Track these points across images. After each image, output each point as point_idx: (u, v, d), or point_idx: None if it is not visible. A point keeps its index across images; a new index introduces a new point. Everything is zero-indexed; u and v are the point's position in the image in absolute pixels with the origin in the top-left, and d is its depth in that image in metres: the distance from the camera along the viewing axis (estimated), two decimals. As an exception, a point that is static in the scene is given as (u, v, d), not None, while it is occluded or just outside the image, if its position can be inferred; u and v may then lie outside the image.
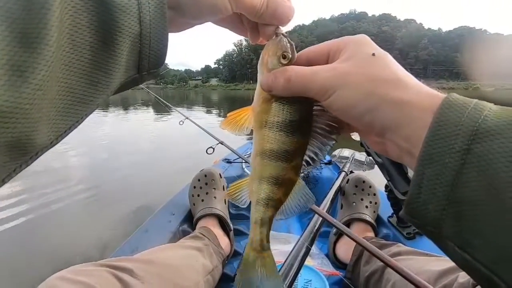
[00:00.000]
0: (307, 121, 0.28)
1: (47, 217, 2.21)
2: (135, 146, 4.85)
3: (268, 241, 0.30)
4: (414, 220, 0.20)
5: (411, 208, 0.20)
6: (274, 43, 0.28)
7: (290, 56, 0.27)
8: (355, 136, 0.31)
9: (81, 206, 2.46)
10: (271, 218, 0.29)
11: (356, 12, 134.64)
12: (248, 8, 0.25)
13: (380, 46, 0.25)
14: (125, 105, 13.11)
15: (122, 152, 4.36)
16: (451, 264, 0.52)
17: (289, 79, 0.25)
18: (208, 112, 12.05)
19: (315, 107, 0.28)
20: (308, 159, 0.28)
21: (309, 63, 0.26)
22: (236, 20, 0.30)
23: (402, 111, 0.21)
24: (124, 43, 0.20)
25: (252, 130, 0.29)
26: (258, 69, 0.29)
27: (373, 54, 0.24)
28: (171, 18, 0.23)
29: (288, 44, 0.27)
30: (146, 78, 0.24)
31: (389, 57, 0.24)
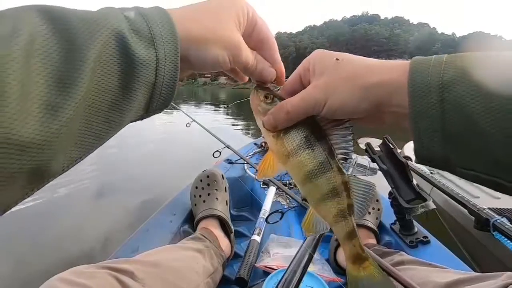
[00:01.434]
0: (317, 128, 0.30)
1: (54, 210, 2.25)
2: (143, 143, 4.89)
3: (363, 250, 0.30)
4: (429, 163, 0.25)
5: (422, 157, 0.25)
6: (254, 95, 0.32)
7: (270, 94, 0.32)
8: (362, 145, 0.33)
9: (88, 201, 2.49)
10: (353, 226, 0.29)
11: (369, 14, 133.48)
12: (243, 66, 0.31)
13: (391, 49, 0.27)
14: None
15: (130, 150, 4.41)
16: (456, 276, 0.51)
17: (287, 111, 0.29)
18: (216, 111, 12.08)
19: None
20: (341, 155, 0.29)
21: (290, 93, 0.31)
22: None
23: (386, 87, 0.25)
24: (140, 90, 0.23)
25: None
26: (256, 120, 0.32)
27: (337, 59, 0.28)
28: (180, 68, 0.27)
29: (263, 89, 0.32)
30: (151, 115, 0.27)
31: (350, 56, 0.29)
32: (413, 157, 0.27)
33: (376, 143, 0.86)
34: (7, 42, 0.17)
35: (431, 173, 0.84)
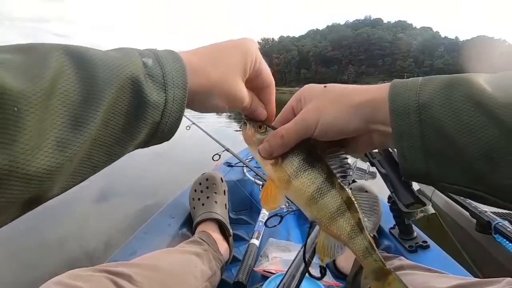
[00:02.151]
0: (314, 152, 0.31)
1: (53, 212, 2.25)
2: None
3: (385, 264, 0.29)
4: (414, 179, 0.27)
5: (407, 173, 0.26)
6: (247, 128, 0.34)
7: (263, 124, 0.33)
8: None
9: (87, 203, 2.49)
10: (369, 240, 0.29)
11: (371, 18, 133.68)
12: (238, 108, 0.33)
13: (394, 53, 0.28)
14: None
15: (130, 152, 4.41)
16: (456, 282, 0.51)
17: (281, 135, 0.30)
18: (219, 114, 12.09)
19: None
20: (339, 174, 0.30)
21: (283, 124, 0.32)
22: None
23: (372, 105, 0.27)
24: (145, 129, 0.25)
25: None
26: (251, 153, 0.34)
27: (325, 87, 0.31)
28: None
29: (254, 122, 0.34)
30: (148, 146, 0.29)
31: (336, 84, 0.31)
32: None
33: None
34: (33, 77, 0.18)
35: None
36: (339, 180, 0.30)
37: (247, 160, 1.31)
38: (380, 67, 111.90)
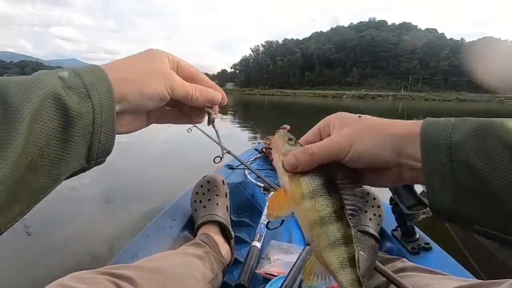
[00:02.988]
0: (331, 180, 0.31)
1: (57, 215, 2.28)
2: (145, 149, 4.94)
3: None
4: (444, 218, 0.26)
5: (437, 211, 0.26)
6: (279, 136, 0.34)
7: (294, 138, 0.34)
8: None
9: (90, 206, 2.51)
10: (359, 277, 0.29)
11: (376, 20, 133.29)
12: (183, 94, 0.33)
13: (399, 55, 0.28)
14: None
15: (132, 156, 4.46)
16: (458, 283, 0.51)
17: (312, 153, 0.30)
18: (222, 116, 12.15)
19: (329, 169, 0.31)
20: (350, 211, 0.30)
21: (308, 143, 0.32)
22: (177, 115, 0.39)
23: (404, 139, 0.27)
24: (79, 140, 0.25)
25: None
26: (274, 159, 0.34)
27: (359, 116, 0.31)
28: (119, 115, 0.29)
29: (286, 133, 0.34)
30: (93, 165, 0.28)
31: (370, 116, 0.32)
32: None
33: None
34: None
35: None
36: (348, 217, 0.30)
37: (249, 162, 1.31)
38: (384, 69, 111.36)
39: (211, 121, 0.40)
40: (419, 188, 0.70)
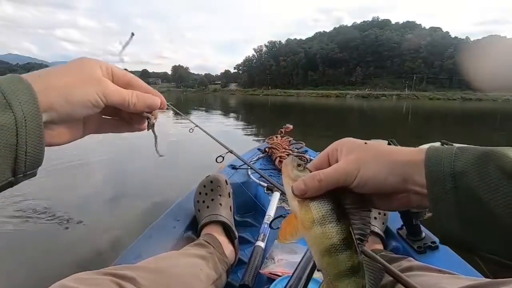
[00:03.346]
0: (340, 205, 0.31)
1: (62, 215, 2.29)
2: (148, 150, 4.95)
3: None
4: (452, 245, 0.28)
5: (445, 238, 0.27)
6: (288, 161, 0.35)
7: (303, 163, 0.34)
8: None
9: (95, 207, 2.53)
10: None
11: (379, 20, 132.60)
12: (118, 100, 0.32)
13: (403, 54, 0.28)
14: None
15: (136, 156, 4.49)
16: (467, 282, 0.50)
17: (320, 179, 0.31)
18: (225, 116, 12.17)
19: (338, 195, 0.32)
20: (358, 236, 0.30)
21: (317, 169, 0.33)
22: (117, 123, 0.38)
23: (411, 166, 0.28)
24: (1, 154, 0.24)
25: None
26: (284, 184, 0.35)
27: (365, 143, 0.32)
28: (49, 125, 0.28)
29: (296, 158, 0.35)
30: (22, 179, 0.27)
31: (377, 142, 0.33)
32: None
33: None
34: None
35: None
36: (356, 242, 0.30)
37: (252, 162, 1.31)
38: (388, 68, 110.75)
39: (150, 126, 0.39)
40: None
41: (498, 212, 0.23)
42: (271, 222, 0.84)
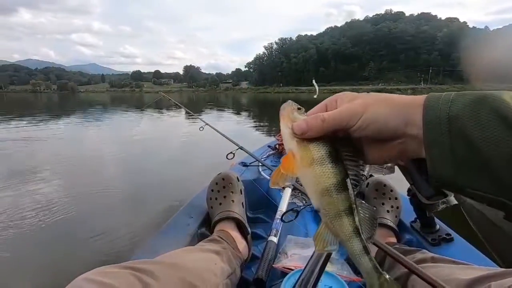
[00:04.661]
0: (337, 150, 0.31)
1: (82, 213, 2.38)
2: (166, 147, 5.07)
3: (378, 266, 0.31)
4: (441, 186, 0.28)
5: (435, 179, 0.27)
6: (287, 105, 0.35)
7: (303, 107, 0.35)
8: None
9: (113, 204, 2.61)
10: (365, 243, 0.31)
11: (393, 12, 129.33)
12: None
13: (418, 47, 0.29)
14: (159, 107, 13.70)
15: (155, 152, 4.57)
16: (481, 272, 0.49)
17: (324, 119, 0.31)
18: (237, 114, 12.21)
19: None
20: (353, 180, 0.31)
21: None
22: None
23: (412, 108, 0.29)
24: None
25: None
26: (281, 126, 0.34)
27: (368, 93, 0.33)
28: None
29: (295, 102, 0.35)
30: None
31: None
32: None
33: None
34: None
35: None
36: (352, 186, 0.31)
37: (262, 159, 1.31)
38: (403, 62, 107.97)
39: None
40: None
41: (488, 154, 0.24)
42: (282, 215, 0.85)
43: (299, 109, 0.34)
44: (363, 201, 0.31)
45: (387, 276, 0.31)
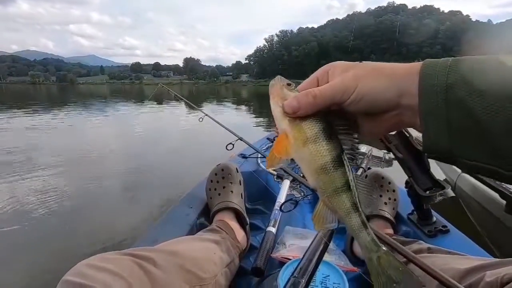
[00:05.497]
0: (330, 124, 0.30)
1: (83, 204, 2.39)
2: (166, 138, 5.08)
3: (376, 240, 0.31)
4: (435, 156, 0.27)
5: (429, 150, 0.27)
6: (277, 81, 0.33)
7: (292, 83, 0.33)
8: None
9: (115, 195, 2.63)
10: (364, 218, 0.30)
11: (395, 5, 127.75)
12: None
13: (421, 40, 0.28)
14: (159, 100, 13.66)
15: (155, 143, 4.58)
16: (477, 262, 0.50)
17: (315, 95, 0.30)
18: (237, 107, 12.18)
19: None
20: (349, 155, 0.30)
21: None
22: None
23: (408, 78, 0.27)
24: None
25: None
26: (271, 104, 0.32)
27: (360, 61, 0.31)
28: None
29: (284, 78, 0.33)
30: None
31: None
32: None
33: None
34: None
35: None
36: (347, 161, 0.30)
37: (262, 150, 1.31)
38: (404, 55, 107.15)
39: None
40: (436, 172, 0.68)
41: (487, 122, 0.23)
42: (281, 205, 0.86)
43: (289, 85, 0.32)
44: (359, 175, 0.31)
45: (386, 249, 0.30)
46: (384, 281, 0.30)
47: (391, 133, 0.73)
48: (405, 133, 0.71)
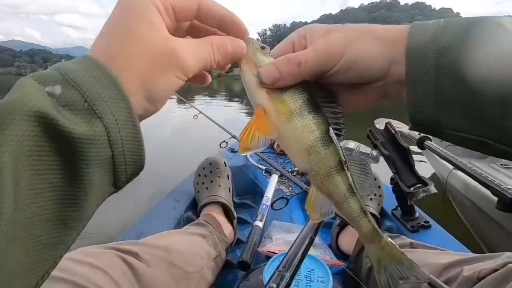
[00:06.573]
0: (313, 95, 0.26)
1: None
2: (157, 133, 5.05)
3: (377, 227, 0.28)
4: (420, 128, 0.25)
5: (416, 120, 0.25)
6: (248, 43, 0.27)
7: (267, 46, 0.27)
8: (379, 125, 0.31)
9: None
10: (363, 202, 0.27)
11: (387, 1, 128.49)
12: (199, 70, 0.25)
13: None
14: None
15: (145, 139, 4.53)
16: (455, 257, 0.51)
17: (299, 62, 0.25)
18: (229, 101, 12.14)
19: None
20: (335, 130, 0.27)
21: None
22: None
23: (397, 43, 0.24)
24: (95, 171, 0.19)
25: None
26: (242, 71, 0.27)
27: (343, 24, 0.28)
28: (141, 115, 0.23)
29: (257, 41, 0.28)
30: (124, 185, 0.23)
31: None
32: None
33: (396, 124, 0.84)
34: None
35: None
36: (335, 137, 0.26)
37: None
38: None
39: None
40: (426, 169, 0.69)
41: (478, 88, 0.21)
42: (272, 203, 0.86)
43: (262, 48, 0.27)
44: (350, 153, 0.28)
45: (388, 240, 0.27)
46: (387, 274, 0.27)
47: (378, 126, 0.74)
48: (392, 130, 0.72)
